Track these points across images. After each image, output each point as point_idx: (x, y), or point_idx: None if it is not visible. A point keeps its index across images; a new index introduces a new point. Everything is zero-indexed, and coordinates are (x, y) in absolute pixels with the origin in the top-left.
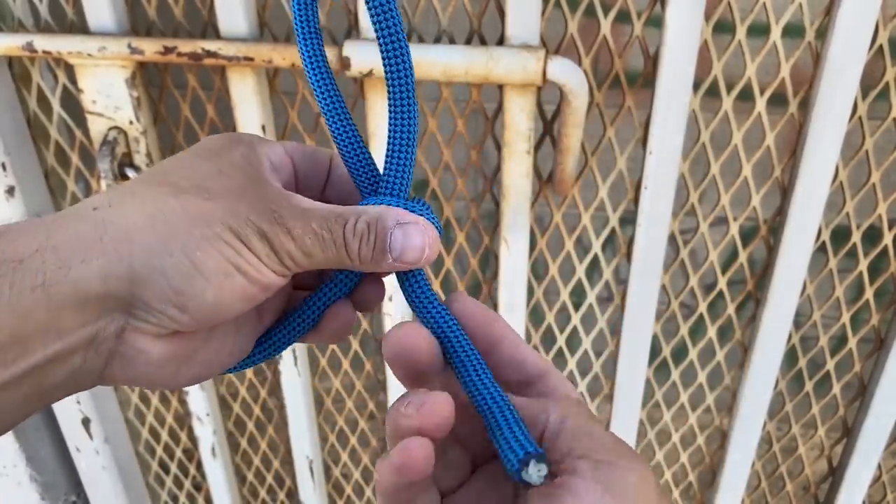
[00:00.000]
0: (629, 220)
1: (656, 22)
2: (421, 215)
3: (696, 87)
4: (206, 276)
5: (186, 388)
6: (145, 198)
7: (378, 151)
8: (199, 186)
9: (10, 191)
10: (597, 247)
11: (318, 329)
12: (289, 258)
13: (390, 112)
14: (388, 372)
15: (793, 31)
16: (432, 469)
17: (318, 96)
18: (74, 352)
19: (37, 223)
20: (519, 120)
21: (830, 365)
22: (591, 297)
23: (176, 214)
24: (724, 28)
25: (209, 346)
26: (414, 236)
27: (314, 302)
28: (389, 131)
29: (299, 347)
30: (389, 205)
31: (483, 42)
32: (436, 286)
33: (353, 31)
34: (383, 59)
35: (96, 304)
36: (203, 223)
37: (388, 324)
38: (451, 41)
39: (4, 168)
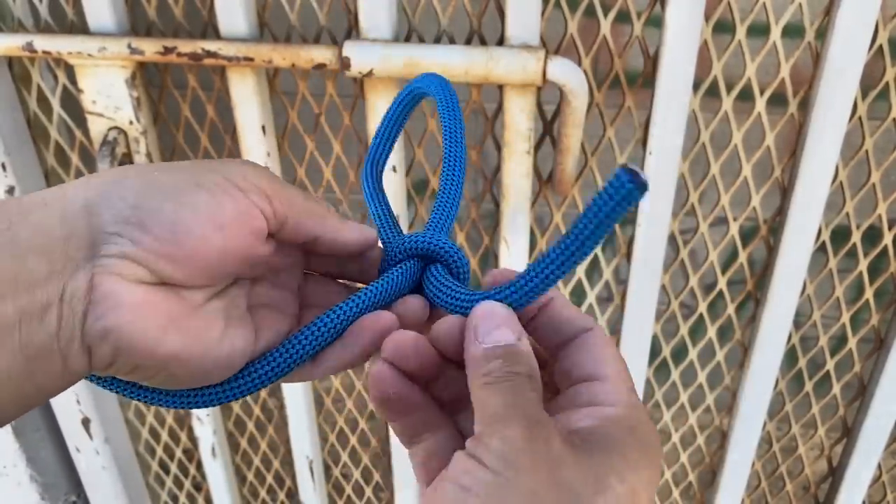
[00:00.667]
0: (629, 220)
1: (656, 22)
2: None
3: (696, 87)
4: (162, 190)
5: None
6: (112, 171)
7: None
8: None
9: (10, 191)
10: (597, 247)
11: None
12: (270, 186)
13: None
14: None
15: (793, 31)
16: (397, 389)
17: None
18: (47, 306)
19: (9, 200)
20: (519, 120)
21: (830, 365)
22: (591, 297)
23: (139, 164)
24: (723, 28)
25: (197, 317)
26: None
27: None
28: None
29: None
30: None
31: (483, 42)
32: None
33: (353, 31)
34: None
35: (60, 248)
36: (162, 165)
37: None
38: (451, 41)
39: (4, 168)
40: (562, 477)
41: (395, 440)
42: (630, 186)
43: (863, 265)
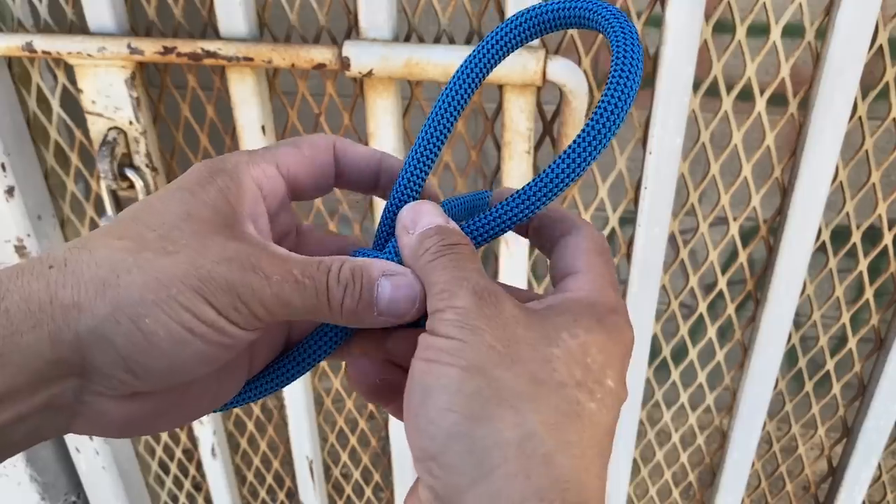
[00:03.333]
0: (629, 220)
1: (656, 22)
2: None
3: (696, 87)
4: (155, 343)
5: None
6: (102, 256)
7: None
8: (163, 237)
9: (10, 191)
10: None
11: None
12: (261, 307)
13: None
14: None
15: (793, 31)
16: (382, 375)
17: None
18: (32, 414)
19: None
20: (519, 120)
21: (830, 365)
22: None
23: (130, 276)
24: (723, 28)
25: (185, 401)
26: (402, 287)
27: (310, 345)
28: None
29: None
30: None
31: None
32: None
33: (353, 31)
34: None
35: (49, 369)
36: (157, 286)
37: None
38: (451, 41)
39: (4, 168)
40: (515, 333)
41: (394, 440)
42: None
43: (863, 265)
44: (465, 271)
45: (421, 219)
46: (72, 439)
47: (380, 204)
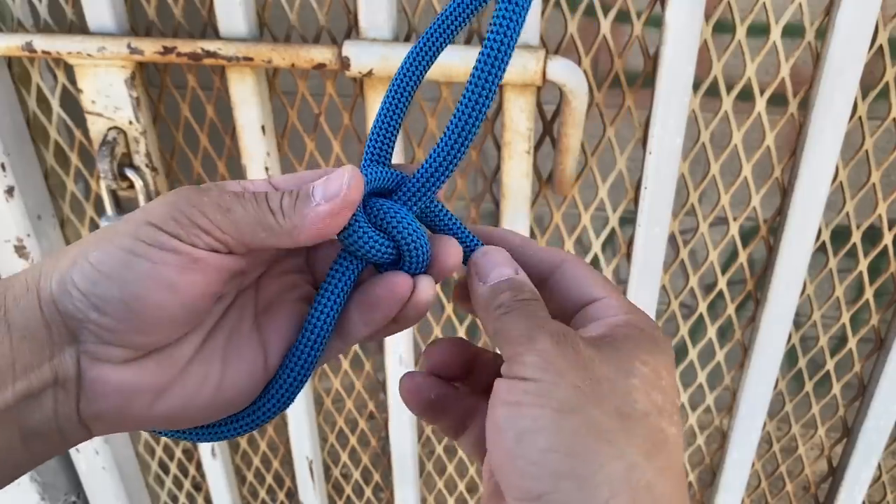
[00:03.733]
0: (629, 220)
1: (656, 22)
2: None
3: (696, 87)
4: (104, 271)
5: None
6: (78, 241)
7: None
8: (125, 216)
9: (10, 191)
10: (597, 247)
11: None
12: (202, 218)
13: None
14: (388, 372)
15: (793, 31)
16: (437, 391)
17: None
18: (42, 390)
19: (8, 276)
20: (519, 120)
21: (830, 365)
22: None
23: (90, 238)
24: (723, 28)
25: (190, 373)
26: (332, 179)
27: (321, 310)
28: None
29: None
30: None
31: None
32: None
33: (352, 31)
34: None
35: (44, 334)
36: (109, 231)
37: None
38: (451, 41)
39: (4, 168)
40: (595, 372)
41: (394, 440)
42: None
43: (863, 265)
44: (539, 319)
45: (492, 270)
46: None
47: None
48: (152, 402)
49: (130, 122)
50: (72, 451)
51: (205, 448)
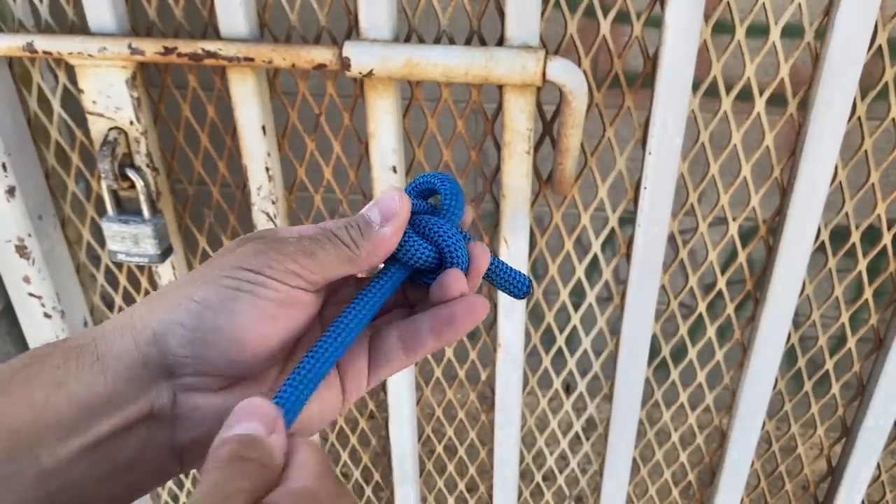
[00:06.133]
0: (629, 220)
1: (656, 22)
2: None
3: (696, 87)
4: (209, 305)
5: None
6: (163, 287)
7: (377, 150)
8: (203, 264)
9: (11, 191)
10: (596, 247)
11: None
12: (292, 262)
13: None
14: None
15: (792, 32)
16: None
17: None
18: (137, 423)
19: (92, 328)
20: (518, 120)
21: (829, 364)
22: (591, 296)
23: (182, 283)
24: (723, 28)
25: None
26: (385, 201)
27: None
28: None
29: None
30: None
31: (483, 42)
32: None
33: (353, 31)
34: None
35: (141, 372)
36: (202, 276)
37: None
38: (451, 41)
39: (5, 168)
40: None
41: (394, 439)
42: (522, 290)
43: (862, 265)
44: (228, 489)
45: (237, 423)
46: None
47: None
48: None
49: (131, 123)
50: None
51: None
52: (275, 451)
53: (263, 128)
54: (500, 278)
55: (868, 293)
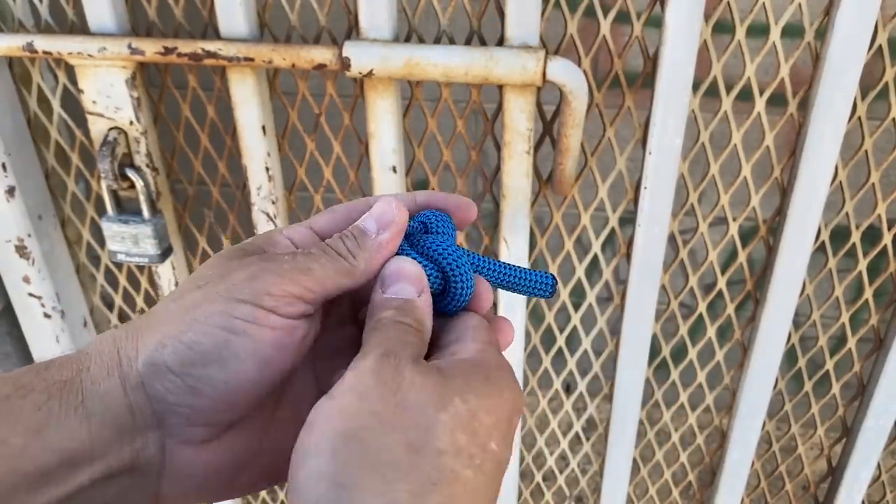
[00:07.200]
0: (629, 220)
1: (656, 22)
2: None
3: (696, 87)
4: (200, 350)
5: None
6: (154, 310)
7: (377, 150)
8: (195, 279)
9: (11, 191)
10: (596, 247)
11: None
12: (291, 282)
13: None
14: None
15: (792, 32)
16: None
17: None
18: (120, 473)
19: (78, 353)
20: (519, 120)
21: (830, 365)
22: (591, 297)
23: (168, 311)
24: (723, 28)
25: (269, 447)
26: (380, 208)
27: None
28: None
29: None
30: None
31: (483, 42)
32: None
33: (353, 31)
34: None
35: (127, 420)
36: (193, 307)
37: None
38: (451, 41)
39: (5, 168)
40: (406, 398)
41: None
42: (548, 289)
43: (862, 265)
44: (392, 342)
45: (394, 283)
46: None
47: None
48: (234, 477)
49: (131, 123)
50: None
51: None
52: (425, 317)
53: (263, 128)
54: (521, 285)
55: (868, 293)
